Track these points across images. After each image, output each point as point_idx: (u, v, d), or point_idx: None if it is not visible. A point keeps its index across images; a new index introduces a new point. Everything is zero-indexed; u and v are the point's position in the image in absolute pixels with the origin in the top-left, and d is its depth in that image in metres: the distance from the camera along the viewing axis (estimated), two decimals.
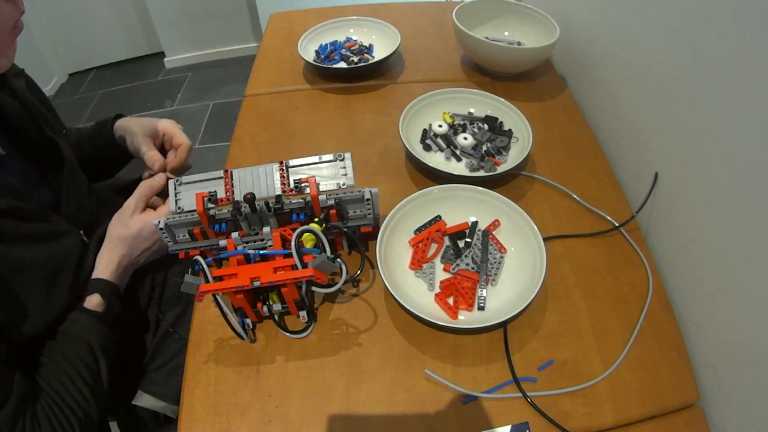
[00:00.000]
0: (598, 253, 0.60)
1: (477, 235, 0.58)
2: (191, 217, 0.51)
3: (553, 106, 0.81)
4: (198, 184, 0.52)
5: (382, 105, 0.81)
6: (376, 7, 1.05)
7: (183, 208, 0.52)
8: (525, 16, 0.87)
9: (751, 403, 0.46)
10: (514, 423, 0.45)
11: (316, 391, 0.48)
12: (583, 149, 0.73)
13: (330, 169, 0.52)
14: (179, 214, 0.51)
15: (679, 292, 0.56)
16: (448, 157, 0.69)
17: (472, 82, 0.85)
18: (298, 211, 0.51)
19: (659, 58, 0.59)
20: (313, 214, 0.52)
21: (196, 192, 0.50)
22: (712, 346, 0.51)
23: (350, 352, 0.51)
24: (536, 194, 0.66)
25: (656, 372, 0.50)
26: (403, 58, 0.91)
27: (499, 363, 0.50)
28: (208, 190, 0.51)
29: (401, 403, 0.47)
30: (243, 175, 0.52)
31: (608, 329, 0.53)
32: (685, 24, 0.54)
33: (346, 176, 0.52)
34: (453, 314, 0.52)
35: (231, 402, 0.47)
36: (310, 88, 0.85)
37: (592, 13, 0.77)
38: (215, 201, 0.51)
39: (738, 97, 0.46)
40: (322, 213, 0.52)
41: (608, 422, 0.46)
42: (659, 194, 0.61)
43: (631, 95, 0.67)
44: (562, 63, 0.89)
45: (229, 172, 0.52)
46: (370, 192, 0.51)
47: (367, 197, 0.51)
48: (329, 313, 0.54)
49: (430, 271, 0.56)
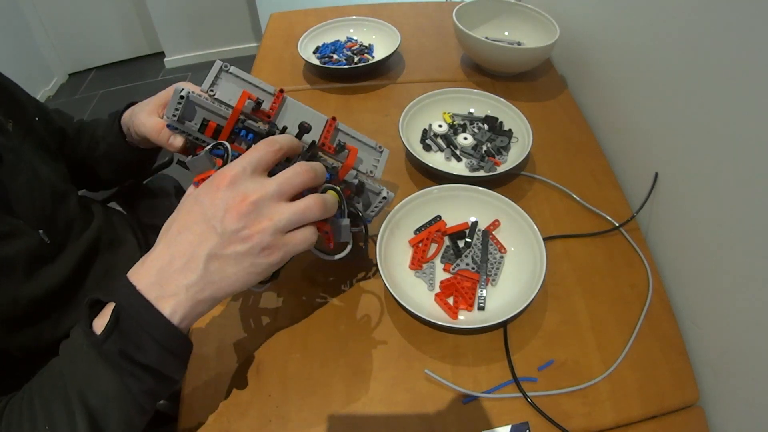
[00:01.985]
0: (598, 253, 0.60)
1: (477, 235, 0.58)
2: (219, 108, 0.44)
3: (553, 106, 0.81)
4: (245, 84, 0.46)
5: (382, 105, 0.81)
6: (376, 7, 1.05)
7: (216, 94, 0.45)
8: (525, 16, 0.87)
9: (751, 403, 0.46)
10: (514, 423, 0.45)
11: (316, 391, 0.48)
12: (583, 149, 0.73)
13: (366, 153, 0.52)
14: (211, 96, 0.44)
15: (679, 292, 0.56)
16: (448, 157, 0.69)
17: (472, 82, 0.85)
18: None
19: (659, 57, 0.59)
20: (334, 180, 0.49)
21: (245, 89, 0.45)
22: (712, 346, 0.51)
23: (350, 352, 0.51)
24: (536, 194, 0.66)
25: (656, 372, 0.50)
26: (403, 58, 0.91)
27: (499, 363, 0.50)
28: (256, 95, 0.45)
29: (401, 403, 0.47)
30: (292, 108, 0.48)
31: (608, 329, 0.53)
32: (685, 24, 0.54)
33: (377, 168, 0.52)
34: (453, 314, 0.52)
35: (231, 402, 0.47)
36: (310, 88, 0.85)
37: (592, 13, 0.77)
38: (257, 111, 0.45)
39: (738, 97, 0.46)
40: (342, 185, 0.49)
41: (608, 422, 0.46)
42: (659, 194, 0.61)
43: (631, 95, 0.67)
44: (562, 63, 0.89)
45: (282, 94, 0.47)
46: (388, 192, 0.51)
47: (384, 195, 0.51)
48: (329, 312, 0.54)
49: (430, 271, 0.56)
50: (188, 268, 0.35)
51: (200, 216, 0.35)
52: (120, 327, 0.34)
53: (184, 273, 0.35)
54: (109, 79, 2.47)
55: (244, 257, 0.35)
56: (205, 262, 0.35)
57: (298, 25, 1.00)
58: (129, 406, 0.35)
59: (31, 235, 0.52)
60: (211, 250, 0.35)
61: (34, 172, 0.57)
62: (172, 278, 0.35)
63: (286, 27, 1.02)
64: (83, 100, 2.36)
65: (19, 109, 0.59)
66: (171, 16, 2.36)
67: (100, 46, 2.48)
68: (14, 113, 0.58)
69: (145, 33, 2.49)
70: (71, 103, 2.32)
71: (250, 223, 0.35)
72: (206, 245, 0.35)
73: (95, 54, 2.51)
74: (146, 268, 0.36)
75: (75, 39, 2.40)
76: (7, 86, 0.59)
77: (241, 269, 0.36)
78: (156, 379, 0.36)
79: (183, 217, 0.37)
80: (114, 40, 2.48)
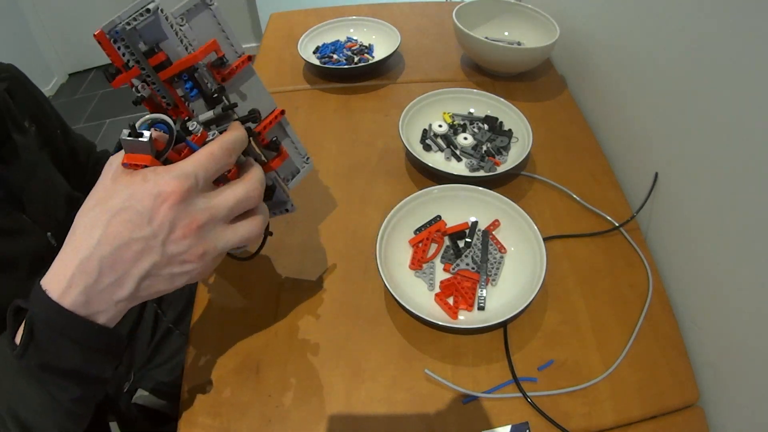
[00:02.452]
0: (598, 253, 0.60)
1: (477, 235, 0.58)
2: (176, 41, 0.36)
3: (553, 106, 0.81)
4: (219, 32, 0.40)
5: (382, 105, 0.81)
6: (376, 7, 1.05)
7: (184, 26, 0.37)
8: (525, 16, 0.87)
9: (751, 403, 0.46)
10: (514, 423, 0.45)
11: (316, 391, 0.48)
12: (583, 149, 0.73)
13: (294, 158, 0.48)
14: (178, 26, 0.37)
15: (679, 292, 0.56)
16: (448, 157, 0.69)
17: (472, 82, 0.85)
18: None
19: (660, 57, 0.59)
20: None
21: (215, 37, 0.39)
22: (712, 346, 0.51)
23: (350, 352, 0.51)
24: (536, 194, 0.66)
25: (656, 372, 0.50)
26: (403, 58, 0.91)
27: (499, 363, 0.50)
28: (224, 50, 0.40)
29: (401, 403, 0.47)
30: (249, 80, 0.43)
31: (608, 329, 0.53)
32: (686, 23, 0.54)
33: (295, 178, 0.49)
34: (453, 314, 0.52)
35: (231, 402, 0.47)
36: (310, 88, 0.85)
37: (592, 13, 0.77)
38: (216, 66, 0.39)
39: (738, 96, 0.46)
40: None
41: (608, 422, 0.46)
42: (659, 194, 0.61)
43: (631, 95, 0.67)
44: (562, 63, 0.89)
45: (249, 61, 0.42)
46: (292, 206, 0.49)
47: (287, 208, 0.48)
48: (329, 313, 0.54)
49: (430, 271, 0.56)
50: (119, 285, 0.32)
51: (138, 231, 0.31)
52: (35, 339, 0.31)
53: (113, 290, 0.32)
54: None
55: (178, 277, 0.34)
56: (138, 280, 0.32)
57: (298, 25, 1.00)
58: (60, 416, 0.34)
59: (39, 236, 0.53)
60: (147, 271, 0.32)
61: (50, 176, 0.59)
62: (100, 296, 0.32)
63: (286, 27, 1.02)
64: (83, 100, 2.36)
65: (44, 118, 0.62)
66: None
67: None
68: (38, 119, 0.60)
69: None
70: (71, 103, 2.32)
71: (192, 248, 0.33)
72: (142, 265, 0.32)
73: (95, 54, 2.50)
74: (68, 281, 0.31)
75: (75, 39, 2.40)
76: (36, 95, 0.62)
77: (170, 286, 0.34)
78: (83, 385, 0.34)
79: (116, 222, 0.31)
80: None
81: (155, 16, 0.35)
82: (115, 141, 0.40)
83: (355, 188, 0.67)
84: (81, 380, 0.34)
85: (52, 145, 0.62)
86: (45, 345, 0.32)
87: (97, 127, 2.18)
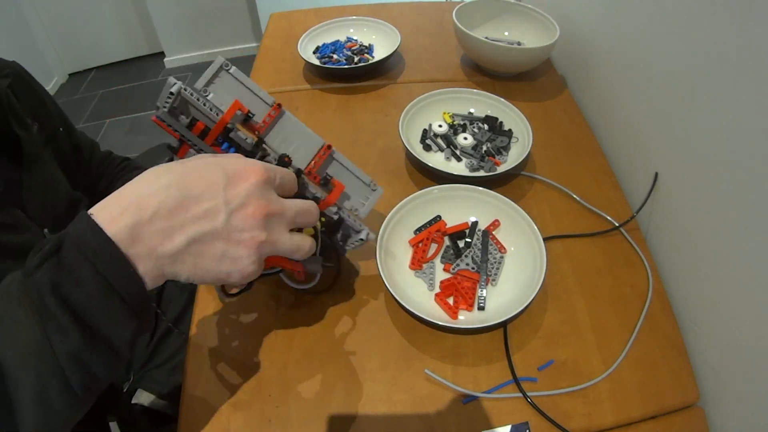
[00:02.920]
0: (598, 253, 0.60)
1: (477, 235, 0.58)
2: (209, 111, 0.42)
3: (553, 106, 0.81)
4: (242, 89, 0.43)
5: (382, 105, 0.81)
6: (376, 7, 1.05)
7: (209, 95, 0.43)
8: (525, 16, 0.87)
9: (751, 403, 0.46)
10: (514, 423, 0.45)
11: (316, 391, 0.48)
12: (583, 149, 0.73)
13: (356, 188, 0.49)
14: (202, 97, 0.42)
15: (679, 292, 0.56)
16: (448, 157, 0.69)
17: (472, 82, 0.85)
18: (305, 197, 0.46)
19: (659, 57, 0.59)
20: None
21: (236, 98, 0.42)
22: (712, 346, 0.51)
23: (350, 352, 0.51)
24: (536, 194, 0.66)
25: (656, 372, 0.50)
26: (403, 58, 0.91)
27: (499, 363, 0.50)
28: (249, 106, 0.43)
29: (401, 403, 0.47)
30: (288, 124, 0.45)
31: (608, 329, 0.53)
32: (686, 23, 0.54)
33: (364, 206, 0.50)
34: (453, 314, 0.52)
35: (231, 402, 0.47)
36: (310, 88, 0.85)
37: (592, 13, 0.77)
38: (246, 123, 0.43)
39: (738, 96, 0.46)
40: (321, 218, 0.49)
41: (608, 422, 0.46)
42: (659, 194, 0.61)
43: (631, 95, 0.67)
44: (562, 63, 0.89)
45: (279, 109, 0.44)
46: (368, 234, 0.49)
47: (362, 237, 0.48)
48: (329, 312, 0.54)
49: (430, 271, 0.56)
50: (169, 236, 0.29)
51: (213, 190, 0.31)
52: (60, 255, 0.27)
53: (161, 239, 0.29)
54: (109, 79, 2.47)
55: (227, 261, 0.32)
56: (190, 240, 0.30)
57: (298, 25, 1.00)
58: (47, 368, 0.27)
59: (35, 233, 0.53)
60: (204, 233, 0.30)
61: (51, 173, 0.59)
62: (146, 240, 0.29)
63: (286, 27, 1.02)
64: (83, 100, 2.36)
65: (46, 115, 0.62)
66: (171, 16, 2.36)
67: (100, 46, 2.48)
68: (40, 117, 0.60)
69: (145, 33, 2.49)
70: (71, 103, 2.32)
71: (256, 231, 0.32)
72: (202, 225, 0.30)
73: (95, 54, 2.51)
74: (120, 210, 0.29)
75: (75, 39, 2.40)
76: (39, 93, 0.62)
77: (214, 269, 0.32)
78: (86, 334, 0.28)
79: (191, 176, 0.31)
80: (114, 40, 2.48)
81: (179, 96, 0.40)
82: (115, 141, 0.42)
83: None
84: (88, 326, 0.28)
85: (55, 143, 0.62)
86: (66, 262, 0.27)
87: (97, 127, 2.18)
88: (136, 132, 2.14)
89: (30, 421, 0.27)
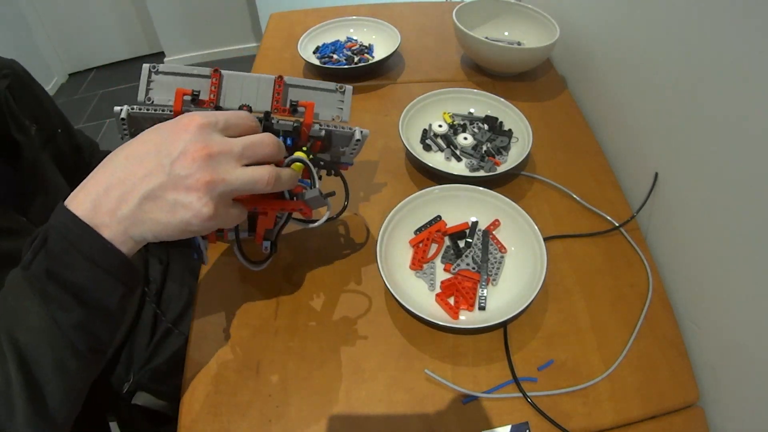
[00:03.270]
0: (598, 253, 0.60)
1: (477, 235, 0.58)
2: (162, 113, 0.43)
3: (553, 106, 0.81)
4: (179, 78, 0.44)
5: (382, 105, 0.81)
6: (376, 7, 1.05)
7: (153, 100, 0.44)
8: (525, 16, 0.87)
9: (751, 403, 0.46)
10: (514, 423, 0.45)
11: (316, 391, 0.48)
12: (583, 149, 0.73)
13: (327, 99, 0.49)
14: (148, 106, 0.43)
15: (679, 292, 0.56)
16: (448, 157, 0.69)
17: (472, 82, 0.85)
18: (285, 134, 0.46)
19: (659, 57, 0.59)
20: (300, 141, 0.47)
21: (177, 87, 0.43)
22: (712, 346, 0.51)
23: (350, 352, 0.51)
24: (536, 194, 0.66)
25: (656, 372, 0.50)
26: (403, 58, 0.91)
27: (499, 363, 0.50)
28: (191, 87, 0.44)
29: (401, 403, 0.47)
30: (233, 80, 0.45)
31: (608, 329, 0.53)
32: (686, 23, 0.54)
33: (342, 110, 0.49)
34: (454, 314, 0.52)
35: (231, 402, 0.47)
36: None
37: (592, 13, 0.77)
38: (197, 102, 0.44)
39: (738, 96, 0.46)
40: (309, 142, 0.47)
41: (608, 422, 0.46)
42: (659, 194, 0.61)
43: (631, 95, 0.67)
44: (562, 63, 0.89)
45: (218, 73, 0.45)
46: (361, 132, 0.48)
47: (358, 137, 0.48)
48: (329, 312, 0.54)
49: (430, 272, 0.56)
50: (123, 200, 0.33)
51: (154, 149, 0.34)
52: (48, 246, 0.32)
53: (117, 203, 0.33)
54: (109, 79, 2.47)
55: (180, 209, 0.33)
56: (141, 198, 0.33)
57: (298, 25, 1.00)
58: (59, 342, 0.32)
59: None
60: (152, 189, 0.33)
61: (50, 176, 0.59)
62: (106, 206, 0.33)
63: (286, 27, 1.02)
64: (83, 100, 2.36)
65: (44, 117, 0.61)
66: (171, 16, 2.36)
67: (100, 46, 2.48)
68: (39, 119, 0.60)
69: (145, 33, 2.49)
70: (71, 103, 2.32)
71: (200, 173, 0.33)
72: (149, 181, 0.33)
73: (95, 54, 2.51)
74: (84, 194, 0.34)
75: (75, 39, 2.40)
76: (38, 93, 0.61)
77: (174, 219, 0.34)
78: (84, 307, 0.33)
79: (136, 145, 0.34)
80: (114, 40, 2.49)
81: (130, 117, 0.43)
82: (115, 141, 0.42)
83: (355, 188, 0.67)
84: (84, 301, 0.33)
85: (53, 145, 0.61)
86: (55, 252, 0.32)
87: (97, 127, 2.18)
88: None
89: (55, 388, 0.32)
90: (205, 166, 0.33)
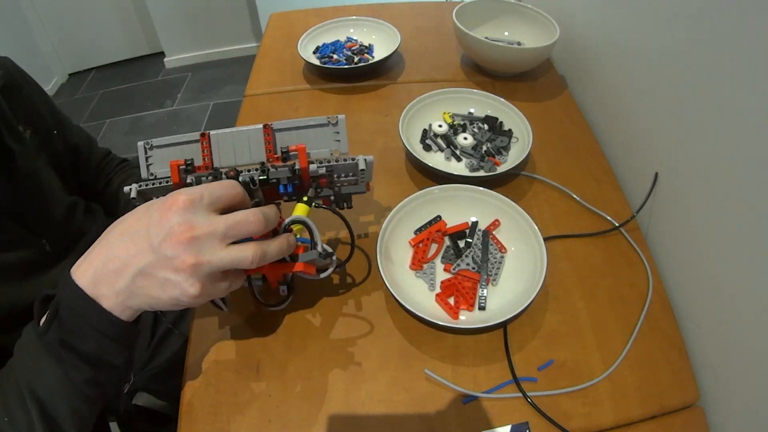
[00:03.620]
0: (598, 253, 0.60)
1: (477, 235, 0.58)
2: (167, 185, 0.45)
3: (553, 106, 0.81)
4: (171, 148, 0.46)
5: (382, 105, 0.81)
6: (376, 7, 1.05)
7: (156, 175, 0.46)
8: (525, 16, 0.87)
9: (751, 403, 0.46)
10: (514, 423, 0.45)
11: (316, 391, 0.48)
12: (583, 149, 0.73)
13: (321, 134, 0.48)
14: (153, 181, 0.45)
15: (679, 292, 0.56)
16: (448, 157, 0.69)
17: (472, 82, 0.85)
18: (285, 182, 0.46)
19: (659, 57, 0.59)
20: (302, 185, 0.47)
21: (170, 160, 0.44)
22: (712, 346, 0.51)
23: (350, 352, 0.51)
24: (536, 194, 0.66)
25: (656, 372, 0.50)
26: (403, 58, 0.91)
27: (499, 363, 0.50)
28: (184, 156, 0.45)
29: (401, 403, 0.47)
30: (223, 139, 0.46)
31: (608, 329, 0.53)
32: (686, 23, 0.54)
33: (340, 143, 0.48)
34: (454, 314, 0.52)
35: (231, 402, 0.47)
36: (310, 88, 0.85)
37: (592, 13, 0.77)
38: (192, 169, 0.45)
39: (738, 96, 0.46)
40: (312, 183, 0.47)
41: (608, 422, 0.46)
42: (659, 194, 0.61)
43: (631, 95, 0.67)
44: (562, 63, 0.89)
45: (206, 136, 0.45)
46: (365, 161, 0.46)
47: (362, 167, 0.46)
48: (329, 312, 0.54)
49: (430, 272, 0.56)
50: (119, 274, 0.35)
51: (144, 229, 0.35)
52: (59, 317, 0.36)
53: (115, 277, 0.35)
54: (109, 79, 2.47)
55: (171, 286, 0.35)
56: (134, 274, 0.35)
57: (298, 25, 1.00)
58: (73, 395, 0.37)
59: (34, 245, 0.53)
60: (143, 267, 0.35)
61: (47, 182, 0.58)
62: (104, 279, 0.36)
63: (286, 27, 1.02)
64: (83, 100, 2.36)
65: (38, 120, 0.60)
66: (171, 16, 2.36)
67: (100, 46, 2.48)
68: (34, 121, 0.59)
69: (145, 33, 2.49)
70: (71, 103, 2.32)
71: (186, 255, 0.34)
72: (140, 259, 0.35)
73: (95, 54, 2.51)
74: (86, 265, 0.36)
75: (75, 39, 2.40)
76: (31, 95, 0.60)
77: (164, 295, 0.36)
78: (95, 368, 0.37)
79: (129, 222, 0.37)
80: (114, 40, 2.48)
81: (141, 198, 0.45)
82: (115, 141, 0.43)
83: None
84: (94, 363, 0.37)
85: (49, 148, 0.60)
86: (67, 324, 0.36)
87: (97, 127, 2.18)
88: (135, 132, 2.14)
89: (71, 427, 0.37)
90: (189, 249, 0.34)
